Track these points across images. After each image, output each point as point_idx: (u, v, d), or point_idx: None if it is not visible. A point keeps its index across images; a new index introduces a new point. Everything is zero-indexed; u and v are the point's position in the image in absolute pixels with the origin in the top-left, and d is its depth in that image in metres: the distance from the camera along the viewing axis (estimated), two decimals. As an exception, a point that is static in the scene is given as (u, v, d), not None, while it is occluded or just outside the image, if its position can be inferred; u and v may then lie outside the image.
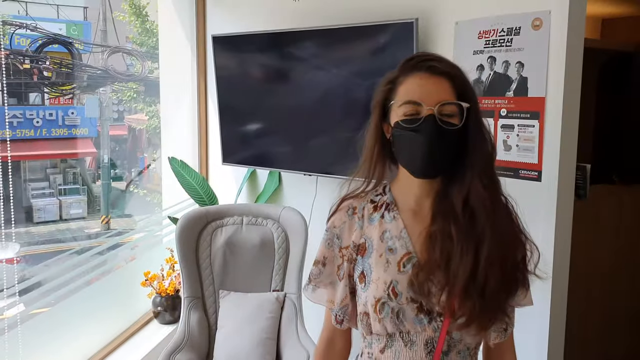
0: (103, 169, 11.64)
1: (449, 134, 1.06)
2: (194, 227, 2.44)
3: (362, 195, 1.21)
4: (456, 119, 1.07)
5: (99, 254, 2.83)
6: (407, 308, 1.08)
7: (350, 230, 1.19)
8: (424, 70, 1.09)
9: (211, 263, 2.45)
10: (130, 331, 2.89)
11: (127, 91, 9.28)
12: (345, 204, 1.22)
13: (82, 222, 11.71)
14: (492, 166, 1.10)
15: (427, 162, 1.07)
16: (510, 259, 1.08)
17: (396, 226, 1.14)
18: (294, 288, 2.43)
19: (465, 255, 1.04)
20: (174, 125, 3.49)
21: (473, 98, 1.10)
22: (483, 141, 1.09)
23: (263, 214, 2.55)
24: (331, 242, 1.22)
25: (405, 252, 1.11)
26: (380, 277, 1.11)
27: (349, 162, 2.54)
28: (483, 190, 1.06)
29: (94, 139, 11.99)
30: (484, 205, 1.06)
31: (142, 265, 3.03)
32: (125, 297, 2.97)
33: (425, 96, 1.07)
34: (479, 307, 1.03)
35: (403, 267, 1.10)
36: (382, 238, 1.14)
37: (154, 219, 3.50)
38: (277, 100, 2.81)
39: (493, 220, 1.05)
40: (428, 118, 1.05)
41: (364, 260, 1.15)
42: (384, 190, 1.20)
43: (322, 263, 1.22)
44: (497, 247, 1.04)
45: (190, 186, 3.02)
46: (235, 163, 3.03)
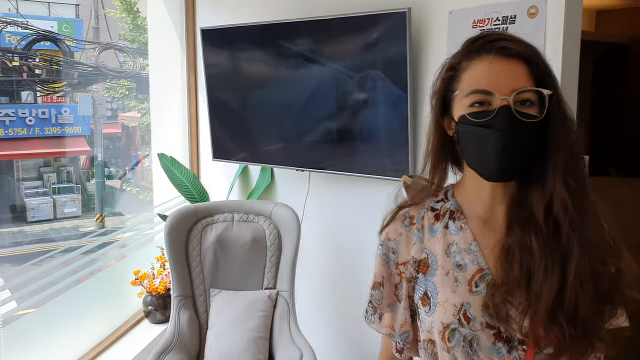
0: (97, 167, 11.58)
1: (528, 128, 0.89)
2: (183, 225, 2.39)
3: (418, 202, 1.05)
4: (535, 109, 0.90)
5: (87, 253, 2.77)
6: (482, 335, 0.92)
7: (408, 244, 1.03)
8: (494, 52, 0.91)
9: (201, 261, 2.40)
10: (121, 331, 2.84)
11: (120, 88, 9.21)
12: (401, 212, 1.05)
13: (76, 220, 11.65)
14: (579, 164, 0.92)
15: (502, 162, 0.89)
16: (605, 275, 0.90)
17: (464, 238, 0.97)
18: (286, 286, 2.38)
19: (550, 272, 0.87)
20: (164, 122, 3.44)
21: (555, 84, 0.92)
22: (567, 135, 0.91)
23: (254, 211, 2.49)
24: (386, 258, 1.05)
25: (477, 269, 0.95)
26: (448, 299, 0.95)
27: (342, 157, 2.52)
28: (568, 194, 0.89)
29: (88, 137, 11.92)
30: (569, 212, 0.88)
31: (133, 263, 2.98)
32: (115, 297, 2.92)
33: (497, 83, 0.89)
34: (569, 335, 0.86)
35: (475, 287, 0.94)
36: (448, 252, 0.98)
37: (145, 216, 3.44)
38: (269, 94, 2.75)
39: (581, 230, 0.88)
40: (502, 109, 0.88)
41: (427, 279, 0.99)
42: (446, 195, 1.03)
43: (382, 284, 1.06)
44: (589, 261, 0.87)
45: (181, 183, 2.96)
46: (226, 159, 2.97)
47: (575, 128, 0.93)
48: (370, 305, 1.09)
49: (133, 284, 2.83)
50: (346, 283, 2.72)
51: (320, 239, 2.78)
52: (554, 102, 0.91)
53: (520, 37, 0.94)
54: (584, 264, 0.87)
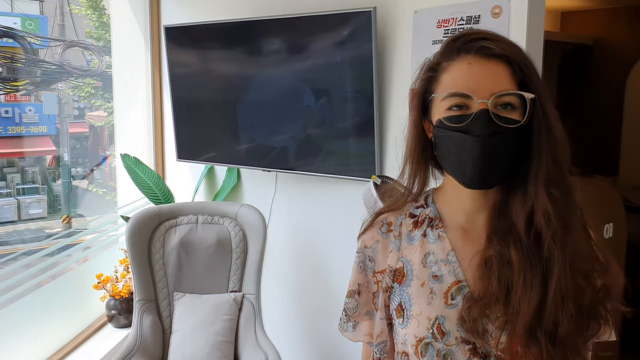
0: (63, 168, 11.32)
1: (508, 134, 0.84)
2: (145, 227, 2.33)
3: (397, 207, 1.00)
4: (517, 113, 0.85)
5: (49, 256, 2.69)
6: (457, 351, 0.88)
7: (385, 251, 0.99)
8: (473, 52, 0.86)
9: (165, 264, 2.34)
10: (83, 336, 2.76)
11: (85, 87, 9.02)
12: (380, 218, 1.01)
13: (42, 222, 11.37)
14: (565, 173, 0.86)
15: (480, 169, 0.85)
16: (589, 291, 0.84)
17: (442, 247, 0.92)
18: (252, 288, 2.34)
19: (530, 287, 0.82)
20: (128, 121, 3.36)
21: (539, 86, 0.87)
22: (552, 141, 0.85)
23: (219, 212, 2.45)
24: (364, 266, 1.01)
25: (455, 281, 0.90)
26: (422, 311, 0.91)
27: (310, 157, 2.49)
28: (551, 204, 0.83)
29: (54, 136, 11.64)
30: (552, 223, 0.83)
31: (96, 267, 2.90)
32: (77, 301, 2.84)
33: (476, 86, 0.84)
34: (547, 354, 0.81)
35: (451, 300, 0.89)
36: (425, 262, 0.93)
37: (109, 218, 3.36)
38: (234, 94, 2.71)
39: (564, 242, 0.83)
40: (480, 114, 0.83)
41: (402, 289, 0.95)
42: (427, 201, 0.98)
43: (357, 292, 1.02)
44: (571, 276, 0.82)
45: (144, 184, 2.89)
46: (191, 159, 2.92)
47: (561, 134, 0.87)
48: (344, 314, 1.05)
49: (95, 287, 2.76)
50: (313, 285, 2.69)
51: (287, 240, 2.75)
52: (537, 106, 0.86)
53: (503, 36, 0.89)
54: (565, 279, 0.82)
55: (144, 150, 3.27)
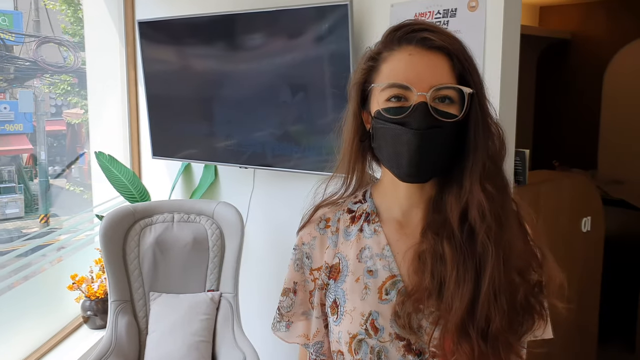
0: (40, 166, 11.13)
1: (446, 128, 0.82)
2: (119, 226, 2.28)
3: (339, 202, 0.98)
4: (455, 107, 0.84)
5: (22, 256, 2.63)
6: (390, 347, 0.86)
7: (322, 248, 0.96)
8: (414, 43, 0.84)
9: (140, 264, 2.30)
10: (58, 338, 2.70)
11: (61, 84, 8.85)
12: (318, 214, 1.00)
13: (19, 222, 11.17)
14: (500, 169, 0.86)
15: (416, 163, 0.83)
16: (523, 287, 0.83)
17: (378, 242, 0.91)
18: (230, 287, 2.31)
19: (462, 282, 0.81)
20: (103, 119, 3.30)
21: (478, 81, 0.86)
22: (488, 137, 0.85)
23: (196, 210, 2.41)
24: (300, 263, 0.99)
25: (389, 275, 0.88)
26: (356, 307, 0.89)
27: (288, 154, 2.46)
28: (486, 200, 0.82)
29: (30, 134, 11.44)
30: (486, 218, 0.82)
31: (71, 267, 2.84)
32: (51, 302, 2.78)
33: (415, 78, 0.82)
34: (479, 351, 0.80)
35: (386, 295, 0.87)
36: (360, 257, 0.91)
37: (85, 217, 3.30)
38: (210, 89, 2.66)
39: (499, 238, 0.82)
40: (418, 107, 0.82)
41: (337, 286, 0.92)
42: (365, 196, 0.97)
43: (293, 290, 1.00)
44: (505, 272, 0.81)
45: (120, 182, 2.84)
46: (166, 157, 2.87)
47: (497, 131, 0.87)
48: (277, 312, 1.02)
49: (70, 288, 2.70)
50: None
51: (265, 238, 2.72)
52: (475, 101, 0.84)
53: (444, 29, 0.87)
54: (499, 275, 0.81)
55: (119, 148, 3.21)
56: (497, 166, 0.85)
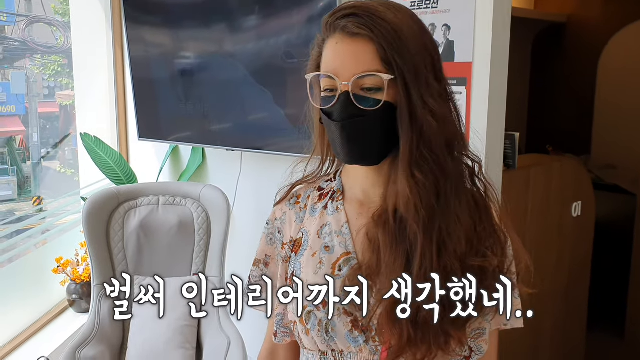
0: (33, 148, 11.04)
1: (371, 116, 0.81)
2: (103, 209, 2.24)
3: (312, 180, 0.99)
4: (386, 94, 0.81)
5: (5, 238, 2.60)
6: (338, 322, 0.86)
7: (290, 223, 0.98)
8: (339, 30, 0.82)
9: (124, 247, 2.26)
10: (43, 321, 2.68)
11: (51, 65, 8.75)
12: (293, 191, 1.01)
13: (11, 204, 11.12)
14: (438, 154, 0.82)
15: (349, 151, 0.84)
16: (463, 274, 0.81)
17: (338, 220, 0.92)
18: (216, 271, 2.28)
19: (392, 269, 0.81)
20: (90, 99, 3.24)
21: (406, 65, 0.80)
22: (415, 123, 0.81)
23: (182, 193, 2.37)
24: (273, 238, 1.01)
25: (344, 252, 0.89)
26: (308, 279, 0.90)
27: (276, 136, 2.41)
28: (412, 189, 0.81)
29: (22, 116, 11.34)
30: (414, 208, 0.81)
31: (57, 250, 2.81)
32: (36, 285, 2.75)
33: (341, 67, 0.82)
34: (408, 337, 0.80)
35: (338, 271, 0.88)
36: (320, 233, 0.93)
37: (73, 200, 3.26)
38: (198, 71, 2.61)
39: (431, 226, 0.80)
40: (341, 97, 0.81)
41: (296, 259, 0.95)
42: (335, 175, 0.98)
43: (264, 262, 1.02)
44: (439, 259, 0.80)
45: (106, 164, 2.79)
46: (153, 139, 2.82)
47: (430, 115, 0.81)
48: (248, 282, 1.02)
49: (55, 271, 2.67)
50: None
51: (253, 221, 2.68)
52: (401, 86, 0.80)
53: (376, 10, 0.82)
54: (430, 262, 0.79)
55: (106, 130, 3.16)
56: (432, 152, 0.81)
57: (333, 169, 0.99)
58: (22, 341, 2.51)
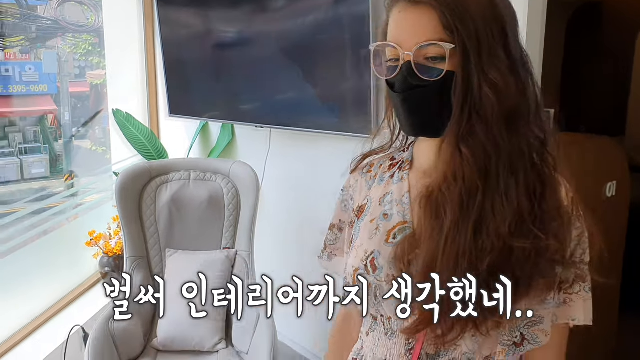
0: (64, 127, 11.25)
1: (432, 87, 0.78)
2: (135, 183, 2.28)
3: (387, 150, 0.98)
4: (449, 64, 0.78)
5: (35, 213, 2.66)
6: (386, 288, 0.85)
7: (360, 191, 0.99)
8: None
9: (156, 221, 2.30)
10: (77, 293, 2.76)
11: (82, 44, 8.84)
12: (366, 160, 1.00)
13: (44, 181, 11.38)
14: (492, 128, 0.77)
15: (411, 123, 0.83)
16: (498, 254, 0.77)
17: (400, 189, 0.91)
18: (245, 246, 2.31)
19: (427, 242, 0.80)
20: (121, 77, 3.28)
21: (469, 32, 0.76)
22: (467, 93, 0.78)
23: (212, 169, 2.39)
24: (346, 204, 1.02)
25: (400, 221, 0.88)
26: (363, 243, 0.91)
27: (304, 114, 2.41)
28: (453, 164, 0.79)
29: (54, 95, 11.53)
30: (455, 182, 0.78)
31: (90, 224, 2.88)
32: (70, 258, 2.82)
33: (403, 36, 0.79)
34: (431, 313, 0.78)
35: (393, 238, 0.87)
36: (382, 201, 0.92)
37: (103, 176, 3.32)
38: (228, 49, 2.62)
39: (471, 204, 0.77)
40: (402, 67, 0.79)
41: (357, 224, 0.95)
42: (409, 145, 0.96)
43: (339, 227, 1.04)
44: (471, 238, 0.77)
45: (137, 140, 2.84)
46: (184, 115, 2.85)
47: (491, 86, 0.77)
48: (323, 244, 1.08)
49: (88, 244, 2.73)
50: (308, 242, 2.66)
51: (281, 197, 2.70)
52: (460, 54, 0.77)
53: None
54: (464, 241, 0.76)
55: (137, 107, 3.20)
56: (487, 127, 0.77)
57: (407, 139, 0.96)
58: (57, 311, 2.59)
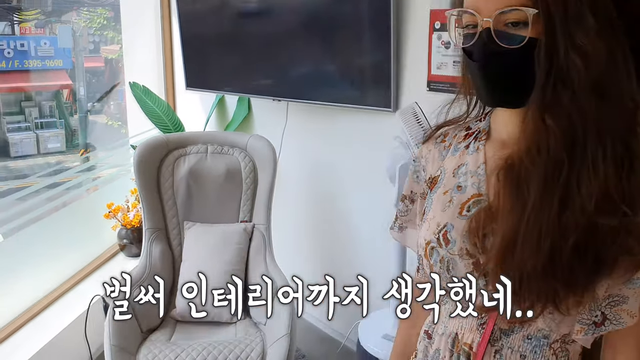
0: (79, 102, 11.29)
1: (512, 54, 0.73)
2: (153, 156, 2.29)
3: (462, 121, 0.93)
4: (532, 30, 0.72)
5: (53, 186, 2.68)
6: (459, 261, 0.82)
7: (433, 161, 0.94)
8: None
9: (174, 194, 2.32)
10: (95, 264, 2.80)
11: (97, 18, 8.81)
12: (440, 130, 0.96)
13: (60, 156, 11.47)
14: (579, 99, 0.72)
15: (490, 92, 0.79)
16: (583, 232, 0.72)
17: (476, 160, 0.86)
18: (262, 219, 2.32)
19: (506, 218, 0.76)
20: (137, 50, 3.28)
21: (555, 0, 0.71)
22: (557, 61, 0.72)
23: (229, 143, 2.40)
24: (419, 175, 0.98)
25: (475, 193, 0.84)
26: (435, 216, 0.87)
27: (322, 86, 2.40)
28: (537, 136, 0.74)
29: (69, 70, 11.54)
30: (534, 158, 0.74)
31: (109, 197, 2.90)
32: (89, 230, 2.86)
33: (480, 1, 0.74)
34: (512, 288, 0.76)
35: (466, 211, 0.83)
36: (456, 172, 0.88)
37: (121, 150, 3.34)
38: (246, 22, 2.60)
39: (556, 179, 0.73)
40: (481, 34, 0.74)
41: (430, 196, 0.92)
42: (486, 115, 0.91)
43: (410, 199, 1.01)
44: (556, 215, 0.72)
45: (154, 113, 2.84)
46: (200, 88, 2.84)
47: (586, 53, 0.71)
48: (395, 217, 1.05)
49: (106, 216, 2.77)
50: (324, 215, 2.67)
51: (298, 171, 2.71)
52: (544, 19, 0.72)
53: None
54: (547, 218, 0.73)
55: (153, 80, 3.20)
56: (575, 96, 0.72)
57: (484, 109, 0.92)
58: (77, 280, 2.63)
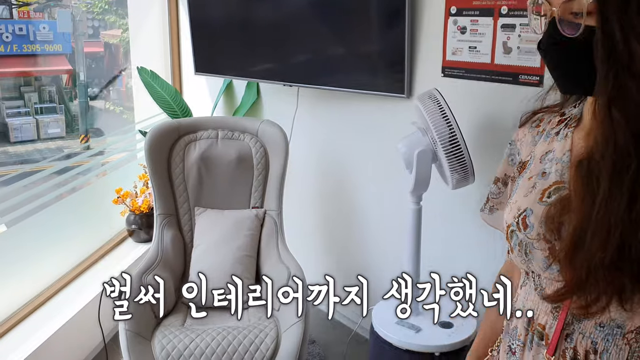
0: (79, 87, 11.22)
1: (571, 44, 0.74)
2: (164, 141, 2.27)
3: (558, 107, 0.94)
4: (584, 18, 0.73)
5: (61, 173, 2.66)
6: (536, 245, 0.83)
7: (527, 145, 0.96)
8: None
9: (185, 179, 2.30)
10: (105, 249, 2.79)
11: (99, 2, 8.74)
12: (537, 116, 0.96)
13: (60, 141, 11.41)
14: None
15: (556, 79, 0.81)
16: None
17: (562, 147, 0.87)
18: (274, 205, 2.31)
19: (577, 209, 0.76)
20: (144, 35, 3.24)
21: None
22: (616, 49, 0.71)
23: (240, 128, 2.38)
24: (513, 158, 0.99)
25: (557, 181, 0.84)
26: (517, 200, 0.88)
27: (333, 71, 2.38)
28: (603, 129, 0.74)
29: (69, 55, 11.46)
30: (601, 151, 0.74)
31: (116, 182, 2.89)
32: (97, 215, 2.84)
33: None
34: (579, 279, 0.76)
35: (547, 197, 0.84)
36: (543, 158, 0.89)
37: (128, 135, 3.32)
38: (255, 5, 2.57)
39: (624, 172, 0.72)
40: (548, 24, 0.77)
41: (518, 180, 0.93)
42: (581, 102, 0.90)
43: (503, 181, 1.02)
44: (626, 208, 0.72)
45: (162, 98, 2.82)
46: (209, 73, 2.81)
47: None
48: (486, 198, 1.07)
49: (115, 202, 2.75)
50: (336, 201, 2.66)
51: (309, 156, 2.69)
52: (599, 6, 0.71)
53: None
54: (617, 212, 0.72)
55: (160, 65, 3.17)
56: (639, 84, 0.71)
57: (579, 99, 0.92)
58: (88, 265, 2.62)
